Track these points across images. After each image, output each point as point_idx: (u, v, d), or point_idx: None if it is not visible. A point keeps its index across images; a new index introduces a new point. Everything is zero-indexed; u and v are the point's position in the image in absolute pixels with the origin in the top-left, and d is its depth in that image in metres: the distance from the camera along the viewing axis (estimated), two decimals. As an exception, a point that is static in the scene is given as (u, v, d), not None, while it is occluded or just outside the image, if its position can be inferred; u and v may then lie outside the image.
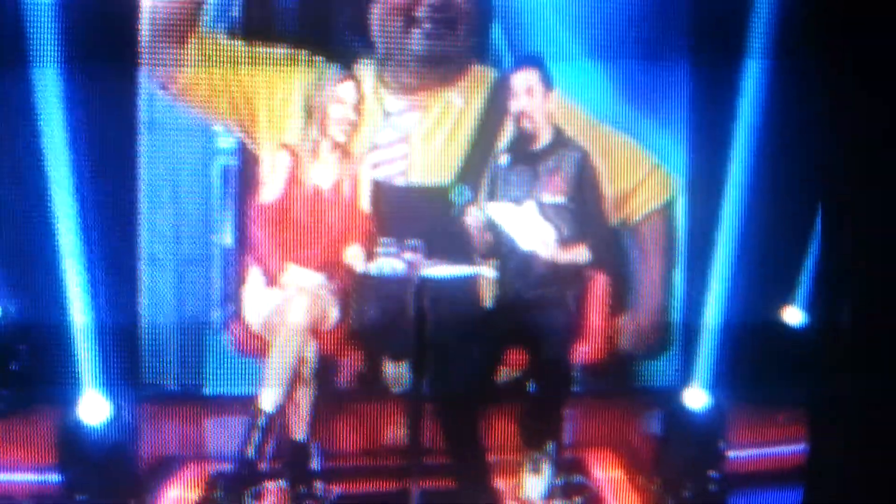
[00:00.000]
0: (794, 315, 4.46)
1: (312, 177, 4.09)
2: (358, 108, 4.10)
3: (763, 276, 4.30)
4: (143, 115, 4.19)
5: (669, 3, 4.34)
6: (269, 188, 4.10)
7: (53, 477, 3.81)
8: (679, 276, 4.50)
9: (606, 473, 4.24)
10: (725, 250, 4.19)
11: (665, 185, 4.47)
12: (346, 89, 4.08)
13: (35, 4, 3.86)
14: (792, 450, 4.01)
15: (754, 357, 4.33)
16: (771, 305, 4.46)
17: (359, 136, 4.17)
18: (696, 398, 4.09)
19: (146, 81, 4.15)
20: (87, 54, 3.91)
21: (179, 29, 4.12)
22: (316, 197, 4.09)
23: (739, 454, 4.14)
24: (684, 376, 4.22)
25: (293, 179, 4.08)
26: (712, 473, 4.04)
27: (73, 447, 3.81)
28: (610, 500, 4.06)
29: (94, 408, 3.83)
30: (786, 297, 4.48)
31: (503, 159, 3.93)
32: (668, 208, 4.48)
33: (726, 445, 4.08)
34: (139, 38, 4.07)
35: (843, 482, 3.58)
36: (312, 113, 4.11)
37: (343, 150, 4.13)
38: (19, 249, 4.08)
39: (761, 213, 4.21)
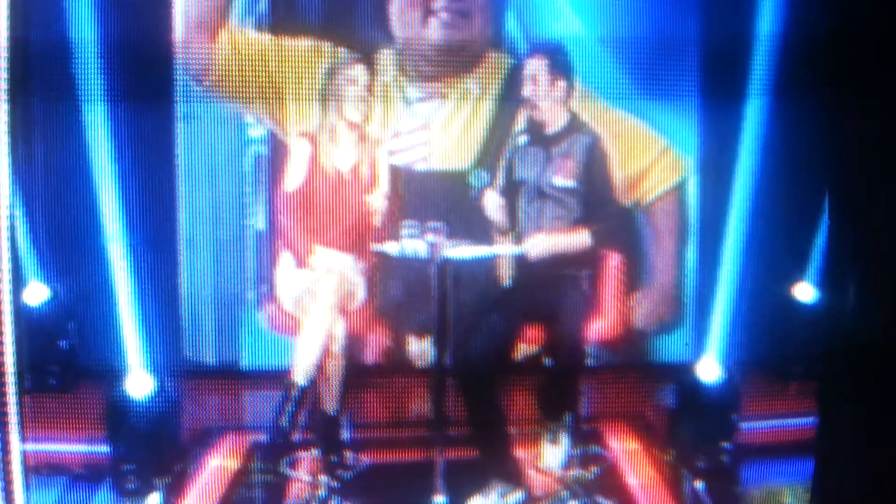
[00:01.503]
0: (804, 290, 4.51)
1: (332, 160, 4.23)
2: (370, 89, 4.23)
3: (774, 252, 4.35)
4: (179, 108, 4.38)
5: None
6: (292, 177, 4.26)
7: (102, 448, 3.98)
8: (692, 254, 4.59)
9: (622, 444, 4.35)
10: (737, 227, 4.25)
11: (676, 166, 4.56)
12: (357, 71, 4.22)
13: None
14: (803, 422, 3.96)
15: (766, 331, 4.39)
16: (782, 281, 4.50)
17: (374, 118, 4.31)
18: (710, 371, 4.14)
19: (182, 76, 4.34)
20: (126, 56, 4.12)
21: (211, 25, 4.31)
22: (337, 180, 4.24)
23: (752, 426, 4.21)
24: (697, 350, 4.28)
25: (314, 165, 4.23)
26: (725, 445, 4.09)
27: (119, 420, 3.97)
28: (626, 470, 4.15)
29: (138, 382, 3.99)
30: (796, 273, 4.52)
31: (521, 140, 4.03)
32: (680, 189, 4.58)
33: (739, 417, 4.13)
34: (174, 37, 4.27)
35: (854, 453, 3.61)
36: (328, 96, 4.26)
37: (360, 132, 4.27)
38: (68, 235, 4.30)
39: (772, 190, 4.26)
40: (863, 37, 3.35)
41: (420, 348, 4.50)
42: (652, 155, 4.55)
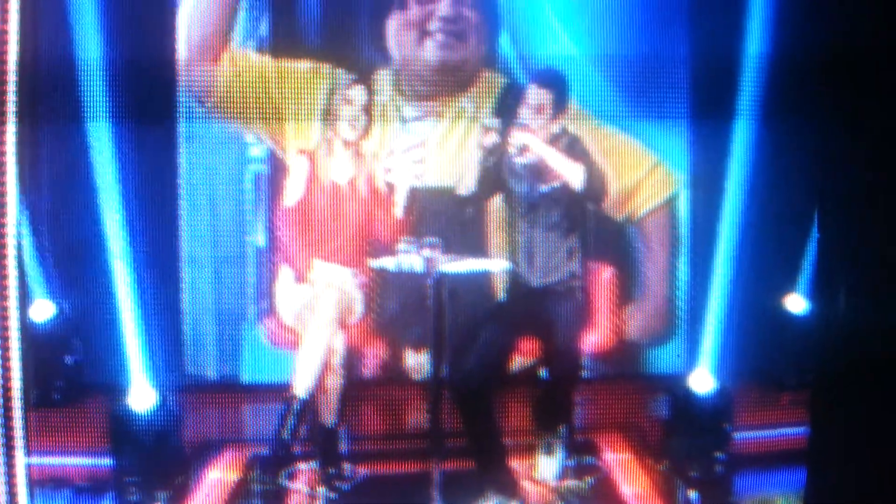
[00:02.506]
0: (795, 301, 4.57)
1: (329, 175, 4.30)
2: (367, 110, 4.29)
3: (765, 264, 4.41)
4: (182, 128, 4.51)
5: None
6: (291, 192, 4.32)
7: (105, 461, 4.02)
8: (684, 267, 4.66)
9: (616, 455, 4.37)
10: (728, 240, 4.29)
11: (667, 181, 4.66)
12: (355, 92, 4.29)
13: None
14: (796, 431, 4.01)
15: (758, 342, 4.45)
16: (773, 292, 4.57)
17: (370, 137, 4.37)
18: (702, 382, 4.16)
19: (185, 97, 4.46)
20: (131, 78, 4.22)
21: (213, 47, 4.43)
22: (334, 194, 4.30)
23: (745, 436, 4.23)
24: (690, 362, 4.31)
25: (312, 181, 4.29)
26: (718, 455, 4.11)
27: (122, 433, 4.00)
28: (620, 481, 4.17)
29: (141, 397, 4.02)
30: (787, 284, 4.59)
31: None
32: (671, 203, 4.67)
33: (732, 427, 4.15)
34: (177, 60, 4.40)
35: (846, 462, 3.63)
36: (327, 116, 4.39)
37: (355, 149, 4.34)
38: (73, 253, 4.39)
39: (762, 202, 4.32)
40: (851, 54, 3.43)
41: (417, 361, 4.57)
42: (643, 170, 4.64)
